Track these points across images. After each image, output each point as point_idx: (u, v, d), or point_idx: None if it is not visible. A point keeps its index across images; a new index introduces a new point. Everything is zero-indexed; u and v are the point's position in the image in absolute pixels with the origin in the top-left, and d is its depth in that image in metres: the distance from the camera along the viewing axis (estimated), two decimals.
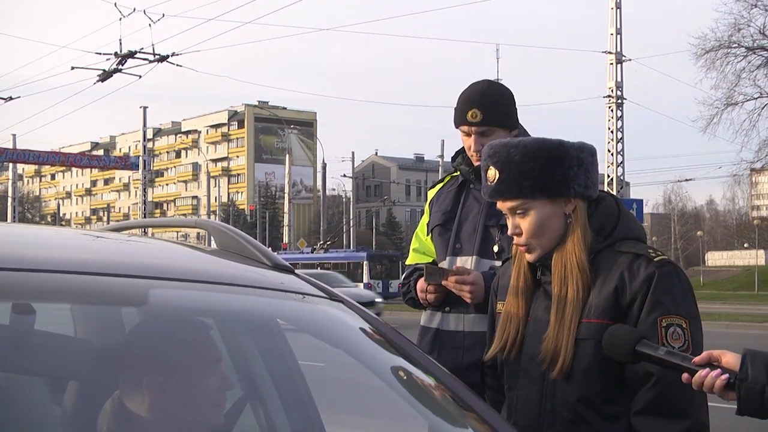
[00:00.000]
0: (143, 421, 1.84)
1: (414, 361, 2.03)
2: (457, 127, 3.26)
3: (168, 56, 24.11)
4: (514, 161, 2.31)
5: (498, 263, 3.09)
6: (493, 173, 2.35)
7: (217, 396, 1.93)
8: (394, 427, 2.51)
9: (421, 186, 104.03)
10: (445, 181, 3.49)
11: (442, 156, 55.44)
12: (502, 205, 2.38)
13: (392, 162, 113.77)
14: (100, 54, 24.81)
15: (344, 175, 63.00)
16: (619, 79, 26.24)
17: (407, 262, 3.49)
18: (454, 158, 3.41)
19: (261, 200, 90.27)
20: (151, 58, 24.22)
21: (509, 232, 2.41)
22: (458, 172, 3.38)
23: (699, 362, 1.99)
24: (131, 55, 24.21)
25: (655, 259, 2.28)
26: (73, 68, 25.77)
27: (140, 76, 25.14)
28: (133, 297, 1.88)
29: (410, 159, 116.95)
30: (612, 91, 26.26)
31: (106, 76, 24.50)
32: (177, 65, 24.48)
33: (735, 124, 34.64)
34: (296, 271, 2.17)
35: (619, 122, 26.36)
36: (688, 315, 2.25)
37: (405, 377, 2.07)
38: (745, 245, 75.18)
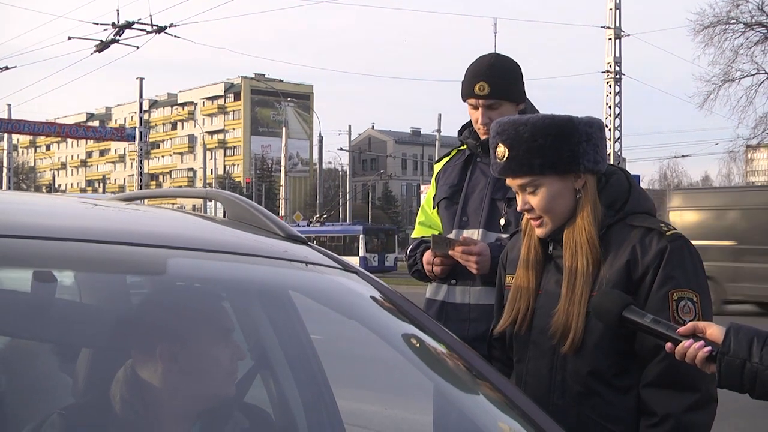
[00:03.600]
0: (156, 390, 1.85)
1: (429, 332, 2.04)
2: (464, 100, 3.26)
3: (166, 27, 23.94)
4: (524, 139, 2.31)
5: (504, 236, 3.10)
6: (502, 150, 2.35)
7: (230, 366, 1.94)
8: (408, 399, 2.53)
9: (418, 160, 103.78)
10: (452, 154, 3.48)
11: (438, 130, 55.37)
12: (512, 182, 2.38)
13: (389, 136, 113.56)
14: (97, 24, 24.65)
15: (341, 149, 62.91)
16: (617, 55, 26.19)
17: (413, 236, 3.49)
18: (460, 132, 3.41)
19: (257, 173, 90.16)
20: (149, 29, 24.07)
21: (519, 209, 2.42)
22: (465, 146, 3.38)
23: (683, 333, 2.00)
24: (129, 25, 24.04)
25: (667, 234, 2.29)
26: (69, 38, 25.61)
27: (138, 47, 25.01)
28: (150, 266, 1.87)
29: (407, 133, 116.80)
30: (610, 66, 26.21)
31: (103, 46, 24.34)
32: (175, 36, 24.34)
33: (732, 101, 34.76)
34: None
35: (617, 98, 26.34)
36: (698, 289, 2.26)
37: (420, 348, 2.08)
38: None
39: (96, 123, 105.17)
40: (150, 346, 1.86)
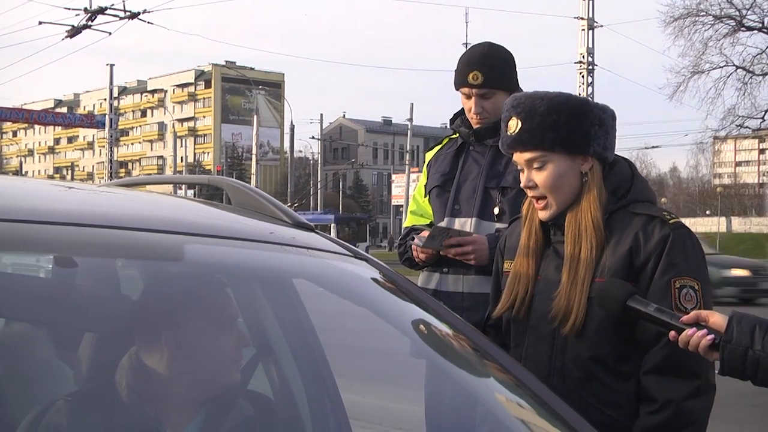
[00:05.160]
0: (161, 377, 1.84)
1: (442, 319, 2.04)
2: (457, 89, 3.26)
3: (139, 13, 23.68)
4: (539, 112, 2.32)
5: (498, 225, 3.10)
6: (515, 123, 2.35)
7: (235, 352, 1.94)
8: (415, 388, 2.52)
9: (389, 149, 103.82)
10: (443, 143, 3.48)
11: (410, 119, 55.33)
12: (519, 157, 2.39)
13: (360, 125, 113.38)
14: (69, 9, 24.34)
15: (312, 137, 62.78)
16: (590, 45, 26.30)
17: (405, 225, 3.50)
18: (452, 120, 3.41)
19: (227, 161, 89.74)
20: (122, 14, 23.79)
21: (522, 185, 2.42)
22: (457, 134, 3.38)
23: (686, 321, 2.04)
24: (101, 11, 23.72)
25: (670, 222, 2.31)
26: (40, 23, 25.28)
27: (110, 33, 24.69)
28: (165, 252, 1.87)
29: (378, 122, 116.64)
30: (583, 57, 26.32)
31: (74, 32, 24.01)
32: (148, 23, 24.09)
33: (701, 92, 35.14)
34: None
35: (590, 88, 26.45)
36: (700, 277, 2.29)
37: (431, 335, 2.08)
38: (707, 212, 76.10)
39: (64, 109, 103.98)
40: (155, 332, 1.85)
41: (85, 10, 23.89)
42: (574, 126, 2.32)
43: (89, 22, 23.98)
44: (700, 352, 2.02)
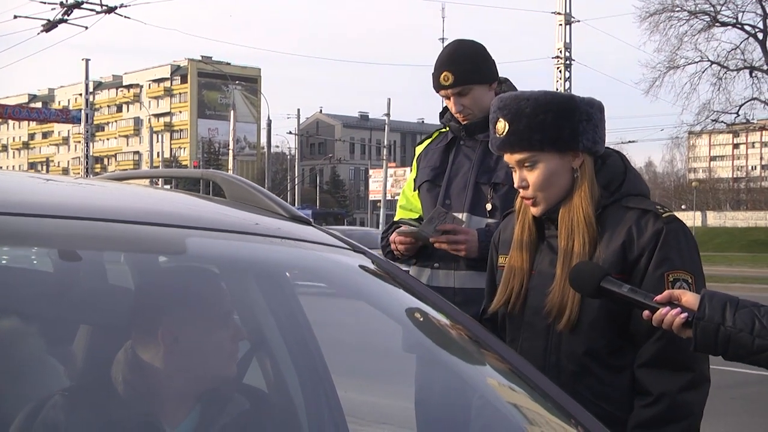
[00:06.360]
0: (158, 371, 1.83)
1: (443, 312, 2.04)
2: (436, 92, 3.27)
3: (116, 8, 23.48)
4: (525, 114, 2.32)
5: (490, 221, 3.10)
6: (502, 125, 2.35)
7: (231, 346, 1.93)
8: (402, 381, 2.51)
9: (366, 144, 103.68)
10: (434, 136, 3.47)
11: (387, 114, 55.30)
12: (510, 158, 2.39)
13: (337, 120, 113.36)
14: (44, 3, 24.09)
15: (290, 132, 62.63)
16: (567, 40, 26.43)
17: (395, 219, 3.49)
18: (442, 114, 3.40)
19: (204, 156, 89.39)
20: (99, 9, 23.59)
21: (515, 185, 2.42)
22: (447, 128, 3.38)
23: (660, 300, 2.07)
24: (78, 5, 23.51)
25: (663, 216, 2.31)
26: (15, 17, 25.04)
27: (87, 27, 24.46)
28: (164, 246, 1.85)
29: (355, 117, 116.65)
30: (561, 52, 26.44)
31: (50, 26, 23.77)
32: (125, 17, 23.91)
33: (676, 87, 35.59)
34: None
35: (567, 83, 26.57)
36: (693, 271, 2.29)
37: (428, 326, 2.07)
38: (683, 207, 76.64)
39: (38, 104, 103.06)
40: (152, 327, 1.84)
41: (61, 4, 23.67)
42: (562, 124, 2.31)
43: (65, 17, 23.75)
44: (674, 330, 2.06)
